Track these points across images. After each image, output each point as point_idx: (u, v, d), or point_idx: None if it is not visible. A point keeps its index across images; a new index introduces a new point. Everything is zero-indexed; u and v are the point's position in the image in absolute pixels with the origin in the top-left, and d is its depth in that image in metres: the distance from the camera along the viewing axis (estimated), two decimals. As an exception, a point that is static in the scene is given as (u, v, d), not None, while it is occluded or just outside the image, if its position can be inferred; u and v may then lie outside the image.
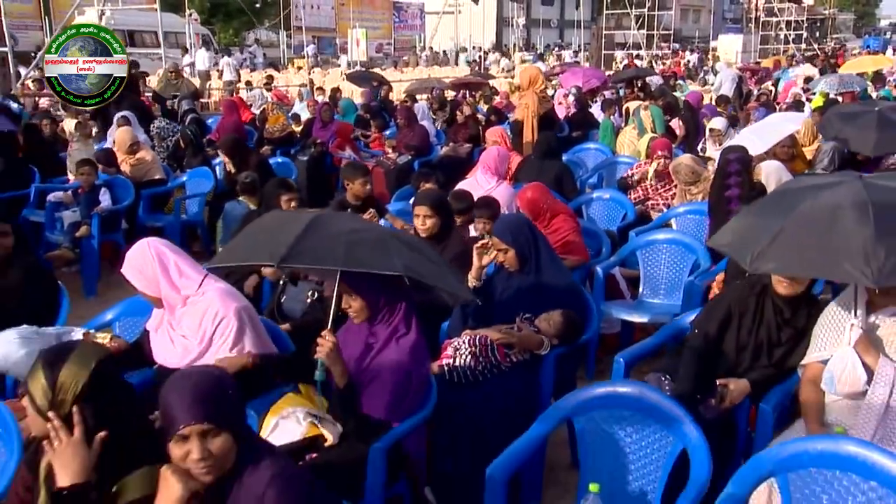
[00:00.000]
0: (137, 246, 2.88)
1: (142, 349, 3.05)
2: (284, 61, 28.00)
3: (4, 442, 2.33)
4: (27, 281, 3.46)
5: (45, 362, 1.88)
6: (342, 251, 2.56)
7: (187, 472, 1.74)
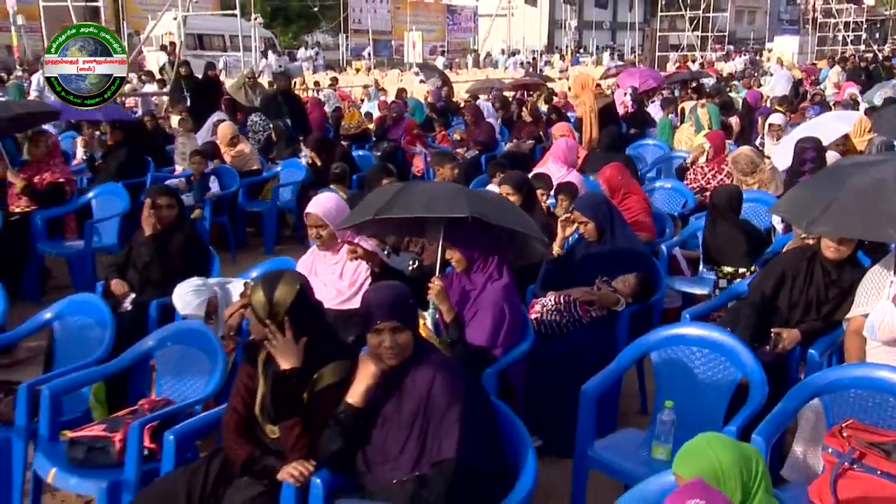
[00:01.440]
0: (330, 195, 3.58)
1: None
2: (343, 63, 28.88)
3: (210, 355, 3.01)
4: (188, 245, 4.17)
5: (264, 283, 2.53)
6: (422, 203, 3.24)
7: (379, 357, 2.37)
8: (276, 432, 2.52)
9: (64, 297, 3.53)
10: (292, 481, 2.38)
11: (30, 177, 5.91)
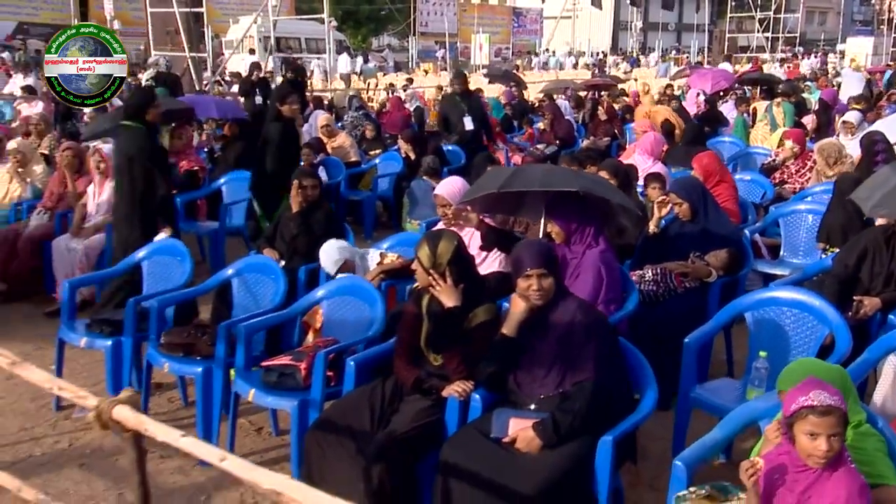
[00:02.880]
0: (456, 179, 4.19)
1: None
2: (412, 65, 29.65)
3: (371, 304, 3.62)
4: (328, 220, 4.81)
5: (428, 239, 3.12)
6: (539, 179, 3.85)
7: (527, 298, 2.92)
8: (438, 360, 3.11)
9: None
10: (456, 396, 2.95)
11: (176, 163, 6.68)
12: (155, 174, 4.68)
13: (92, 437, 3.88)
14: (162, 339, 3.81)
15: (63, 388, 2.62)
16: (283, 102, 6.00)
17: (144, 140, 4.72)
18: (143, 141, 4.71)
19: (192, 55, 12.11)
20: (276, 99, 6.14)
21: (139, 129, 4.73)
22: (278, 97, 6.14)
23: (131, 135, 4.73)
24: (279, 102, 6.06)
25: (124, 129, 4.78)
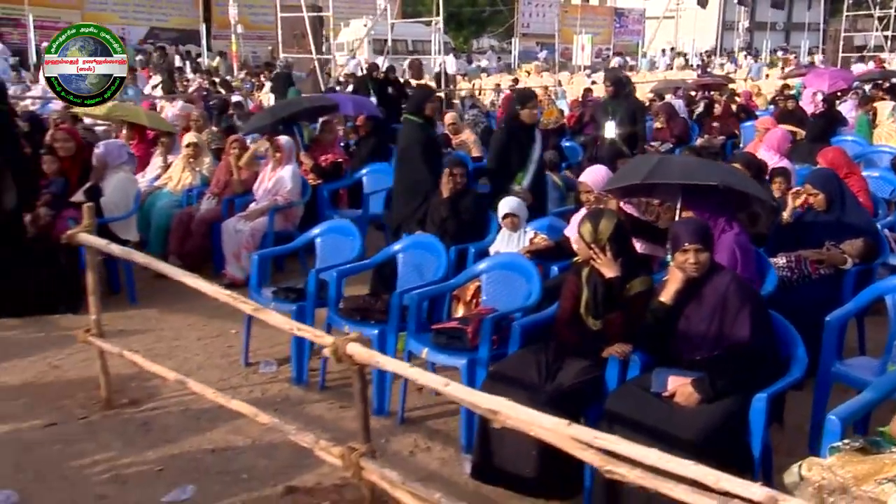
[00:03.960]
0: (600, 168, 4.56)
1: (562, 246, 4.69)
2: (514, 66, 30.00)
3: (527, 278, 4.03)
4: (475, 205, 5.25)
5: (591, 217, 3.49)
6: (680, 171, 4.11)
7: (683, 270, 3.25)
8: (597, 325, 3.48)
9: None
10: (617, 356, 3.32)
11: (316, 157, 7.31)
12: (429, 161, 5.33)
13: (280, 389, 4.46)
14: (341, 304, 4.34)
15: (301, 328, 3.17)
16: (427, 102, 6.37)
17: (422, 132, 5.35)
18: (421, 133, 5.34)
19: (318, 57, 12.88)
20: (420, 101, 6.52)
21: (418, 123, 5.36)
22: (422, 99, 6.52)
23: (412, 127, 5.41)
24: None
25: (407, 122, 5.45)
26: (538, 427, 2.30)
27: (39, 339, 5.07)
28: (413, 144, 5.41)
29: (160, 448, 3.75)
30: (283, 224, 6.45)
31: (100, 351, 4.11)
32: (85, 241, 3.93)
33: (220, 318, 5.57)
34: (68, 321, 5.38)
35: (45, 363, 4.68)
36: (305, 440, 3.06)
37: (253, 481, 3.50)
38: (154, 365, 3.87)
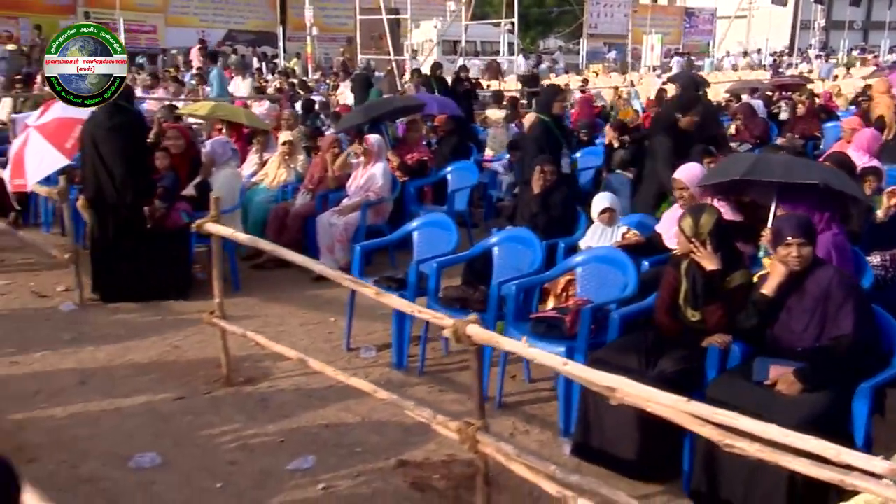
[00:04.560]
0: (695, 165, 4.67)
1: (653, 242, 4.82)
2: (582, 66, 29.93)
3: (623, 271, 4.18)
4: (564, 201, 5.43)
5: (692, 212, 3.63)
6: (781, 170, 4.17)
7: (785, 263, 3.36)
8: (696, 315, 3.62)
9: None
10: (718, 344, 3.45)
11: (402, 155, 7.58)
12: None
13: (381, 373, 4.72)
14: (441, 293, 4.57)
15: (421, 311, 3.40)
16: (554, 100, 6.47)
17: (545, 130, 5.63)
18: (544, 131, 5.60)
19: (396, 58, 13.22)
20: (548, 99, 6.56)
21: (544, 122, 5.69)
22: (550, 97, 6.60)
23: (538, 124, 5.71)
24: None
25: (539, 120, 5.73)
26: (656, 403, 2.47)
27: (156, 322, 5.45)
28: (531, 140, 5.58)
29: (279, 422, 4.04)
30: (374, 219, 6.74)
31: (222, 331, 4.44)
32: (213, 231, 4.25)
33: (317, 306, 5.90)
34: (180, 306, 5.77)
35: (165, 344, 5.05)
36: (423, 415, 3.29)
37: (366, 454, 3.76)
38: (276, 345, 4.18)
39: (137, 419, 4.01)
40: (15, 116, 8.46)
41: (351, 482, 3.53)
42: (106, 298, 5.70)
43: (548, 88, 7.07)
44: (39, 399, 4.08)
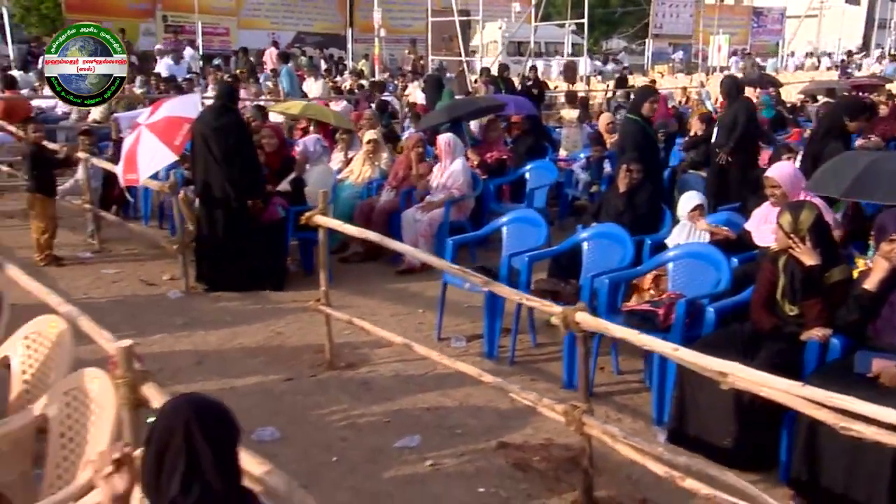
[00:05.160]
0: (787, 164, 4.73)
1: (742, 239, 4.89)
2: (647, 67, 29.65)
3: (716, 267, 4.27)
4: (650, 199, 5.53)
5: (791, 209, 3.72)
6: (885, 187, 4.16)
7: (889, 259, 3.41)
8: (794, 310, 3.70)
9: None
10: (818, 338, 3.53)
11: (482, 154, 7.77)
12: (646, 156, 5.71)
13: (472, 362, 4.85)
14: (532, 286, 4.74)
15: (530, 299, 3.57)
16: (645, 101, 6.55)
17: (640, 129, 5.76)
18: (636, 129, 5.76)
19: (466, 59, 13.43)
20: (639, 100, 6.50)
21: (635, 120, 5.80)
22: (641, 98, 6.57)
23: (630, 124, 5.85)
24: None
25: (628, 120, 5.90)
26: (770, 388, 2.58)
27: (257, 310, 5.76)
28: (632, 141, 5.68)
29: (382, 404, 4.27)
30: (457, 215, 6.95)
31: (327, 318, 4.69)
32: (322, 223, 4.51)
33: (404, 299, 6.13)
34: (276, 296, 6.08)
35: (268, 330, 5.34)
36: (529, 398, 3.47)
37: (467, 436, 3.95)
38: (382, 331, 4.42)
39: (253, 397, 4.29)
40: (116, 115, 8.95)
41: (455, 461, 3.72)
42: (210, 287, 6.04)
43: (641, 89, 7.15)
44: (163, 376, 4.39)
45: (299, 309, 5.75)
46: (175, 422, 1.68)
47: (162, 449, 1.66)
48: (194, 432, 1.66)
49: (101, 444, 2.29)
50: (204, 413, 1.71)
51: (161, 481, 1.64)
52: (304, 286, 6.39)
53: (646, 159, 5.66)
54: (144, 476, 1.68)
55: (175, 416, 1.69)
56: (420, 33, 26.45)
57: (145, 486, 1.68)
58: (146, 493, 1.69)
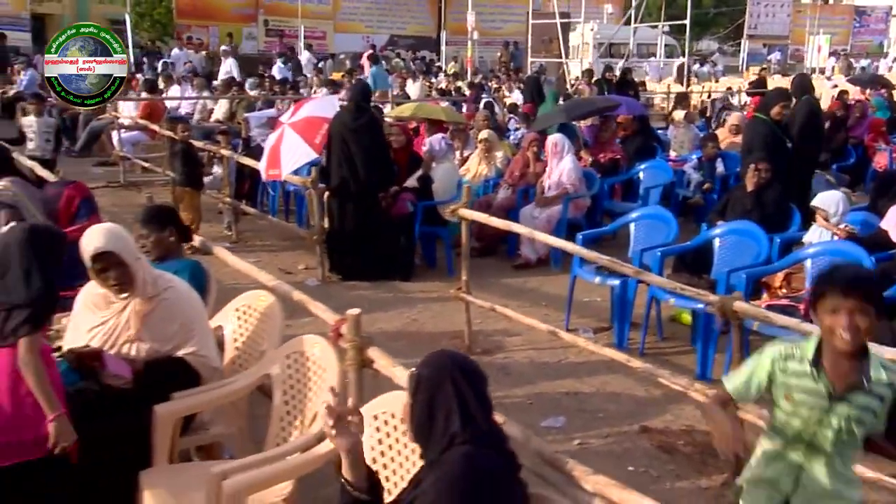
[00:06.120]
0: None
1: (878, 238, 4.90)
2: (742, 68, 29.01)
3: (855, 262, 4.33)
4: (778, 199, 5.59)
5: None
6: None
7: None
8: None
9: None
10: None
11: (595, 154, 7.93)
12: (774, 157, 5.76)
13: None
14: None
15: (684, 289, 3.74)
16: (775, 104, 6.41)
17: (768, 129, 5.89)
18: (767, 130, 5.87)
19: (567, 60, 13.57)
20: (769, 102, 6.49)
21: (764, 121, 5.93)
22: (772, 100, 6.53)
23: (758, 124, 5.98)
24: None
25: (755, 119, 6.02)
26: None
27: (390, 298, 6.10)
28: (760, 141, 5.76)
29: (523, 387, 4.51)
30: (574, 213, 7.13)
31: (466, 305, 4.97)
32: (466, 216, 4.79)
33: (525, 292, 6.36)
34: (405, 286, 6.41)
35: (403, 317, 5.66)
36: (680, 383, 3.63)
37: (608, 419, 4.15)
38: (526, 318, 4.67)
39: (404, 378, 4.60)
40: (247, 115, 9.52)
41: (601, 441, 3.93)
42: (345, 277, 6.42)
43: (775, 91, 7.16)
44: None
45: (428, 298, 6.07)
46: (441, 372, 1.96)
47: (433, 395, 1.94)
48: (458, 379, 1.94)
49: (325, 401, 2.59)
50: (462, 363, 2.01)
51: (435, 423, 1.92)
52: (429, 278, 6.72)
53: (774, 160, 5.70)
54: (414, 421, 1.97)
55: (440, 367, 1.98)
56: (511, 35, 26.68)
57: (415, 430, 1.97)
58: (415, 436, 1.97)
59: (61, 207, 3.89)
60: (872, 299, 2.09)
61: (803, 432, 2.19)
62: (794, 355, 2.21)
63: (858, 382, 2.12)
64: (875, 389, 2.12)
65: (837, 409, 2.13)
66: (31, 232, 2.47)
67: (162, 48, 24.05)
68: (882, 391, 2.12)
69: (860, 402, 2.12)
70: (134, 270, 2.73)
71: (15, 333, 2.37)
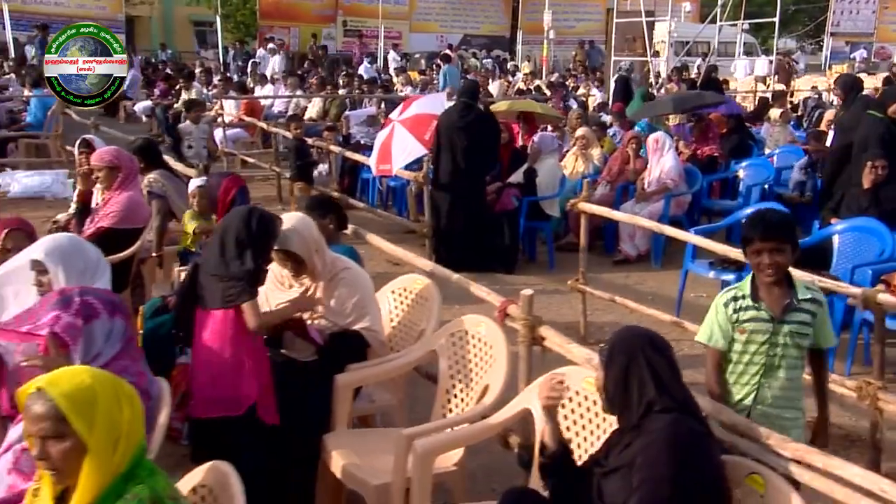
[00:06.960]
0: None
1: None
2: (824, 67, 28.20)
3: None
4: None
5: None
6: None
7: None
8: None
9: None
10: None
11: (694, 150, 7.93)
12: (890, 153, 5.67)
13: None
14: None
15: (822, 281, 3.79)
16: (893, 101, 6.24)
17: (885, 127, 5.86)
18: (883, 127, 5.85)
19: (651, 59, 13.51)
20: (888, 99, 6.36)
21: (880, 118, 5.93)
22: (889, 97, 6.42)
23: (874, 122, 5.96)
24: None
25: (869, 117, 6.02)
26: None
27: (496, 289, 6.04)
28: (874, 139, 5.72)
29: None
30: (675, 210, 7.17)
31: (583, 296, 5.10)
32: (585, 209, 4.93)
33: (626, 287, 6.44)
34: (507, 278, 6.56)
35: (512, 308, 5.81)
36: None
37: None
38: (648, 309, 4.77)
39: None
40: (349, 113, 9.86)
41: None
42: (449, 268, 6.60)
43: (893, 89, 7.08)
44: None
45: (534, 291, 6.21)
46: (634, 346, 2.13)
47: (627, 367, 2.10)
48: (649, 351, 2.10)
49: (496, 375, 2.78)
50: (650, 337, 2.17)
51: (630, 392, 2.08)
52: (531, 271, 6.86)
53: (891, 157, 5.64)
54: (609, 392, 2.13)
55: (632, 342, 2.15)
56: (584, 34, 26.54)
57: (610, 400, 2.13)
58: (610, 405, 2.14)
59: (220, 196, 4.20)
60: (790, 239, 2.57)
61: (756, 354, 2.61)
62: (737, 295, 2.64)
63: (790, 303, 2.58)
64: (804, 306, 2.60)
65: (780, 330, 2.58)
66: (248, 215, 2.73)
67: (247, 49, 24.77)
68: (810, 307, 2.61)
69: (796, 319, 2.59)
70: (311, 264, 2.97)
71: (236, 300, 2.64)
